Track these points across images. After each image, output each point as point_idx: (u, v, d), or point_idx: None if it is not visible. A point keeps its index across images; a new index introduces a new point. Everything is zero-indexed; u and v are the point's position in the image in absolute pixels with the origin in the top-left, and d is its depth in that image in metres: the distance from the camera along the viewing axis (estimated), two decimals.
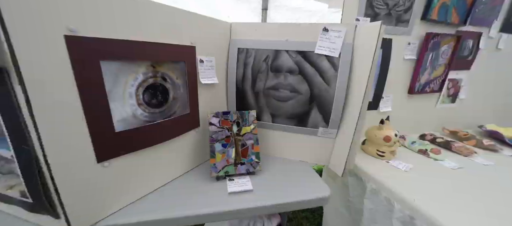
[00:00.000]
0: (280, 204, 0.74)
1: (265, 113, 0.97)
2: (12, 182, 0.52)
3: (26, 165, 0.46)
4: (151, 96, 0.64)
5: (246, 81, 0.95)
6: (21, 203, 0.53)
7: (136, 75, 0.59)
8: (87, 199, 0.55)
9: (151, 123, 0.65)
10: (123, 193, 0.64)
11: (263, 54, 0.90)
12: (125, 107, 0.58)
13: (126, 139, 0.59)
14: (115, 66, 0.54)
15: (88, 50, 0.48)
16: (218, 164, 0.81)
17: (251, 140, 0.87)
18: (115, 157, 0.58)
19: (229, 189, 0.76)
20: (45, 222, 0.55)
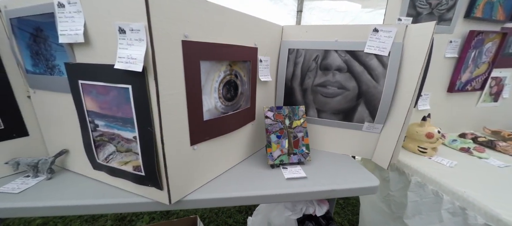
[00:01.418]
0: (333, 190, 0.81)
1: (311, 108, 1.05)
2: (127, 159, 0.64)
3: (147, 144, 0.58)
4: (227, 91, 0.75)
5: (295, 79, 1.03)
6: (131, 176, 0.66)
7: (219, 72, 0.70)
8: (181, 176, 0.66)
9: (225, 114, 0.76)
10: (203, 173, 0.75)
11: (313, 54, 0.98)
12: (211, 99, 0.69)
13: (210, 126, 0.70)
14: (208, 65, 0.64)
15: (193, 51, 0.59)
16: (274, 153, 0.90)
17: (301, 132, 0.95)
18: (201, 141, 0.69)
19: (286, 175, 0.85)
20: (148, 193, 0.67)
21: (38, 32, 0.63)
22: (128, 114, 0.58)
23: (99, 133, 0.66)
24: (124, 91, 0.55)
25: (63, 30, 0.56)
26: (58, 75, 0.66)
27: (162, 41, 0.51)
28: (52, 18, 0.59)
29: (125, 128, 0.60)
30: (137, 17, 0.48)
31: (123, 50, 0.51)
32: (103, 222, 1.59)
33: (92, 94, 0.61)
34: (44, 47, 0.64)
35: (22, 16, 0.65)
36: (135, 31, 0.49)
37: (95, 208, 0.68)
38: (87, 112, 0.64)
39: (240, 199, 0.76)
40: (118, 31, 0.51)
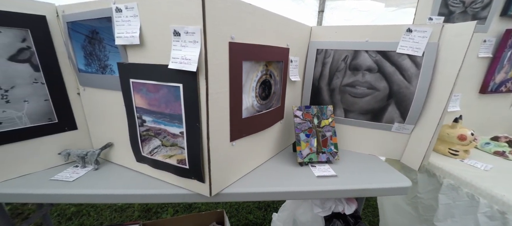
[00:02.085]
0: (365, 189, 0.82)
1: (338, 108, 1.05)
2: (172, 153, 0.69)
3: (194, 139, 0.62)
4: (262, 90, 0.78)
5: (323, 79, 1.04)
6: (175, 169, 0.70)
7: (257, 72, 0.72)
8: (221, 170, 0.70)
9: (260, 112, 0.79)
10: (238, 168, 0.79)
11: (342, 54, 0.98)
12: (249, 98, 0.72)
13: (247, 124, 0.73)
14: (248, 65, 0.68)
15: (238, 52, 0.62)
16: (303, 152, 0.92)
17: (329, 131, 0.97)
18: (239, 138, 0.73)
19: (316, 173, 0.86)
20: (190, 185, 0.71)
21: (94, 34, 0.69)
22: (177, 110, 0.62)
23: (146, 128, 0.71)
24: (175, 89, 0.60)
25: (119, 33, 0.61)
26: (110, 74, 0.72)
27: (213, 43, 0.54)
28: (109, 22, 0.64)
29: (172, 123, 0.65)
30: (193, 21, 0.52)
31: (177, 51, 0.55)
32: (130, 213, 1.68)
33: (142, 92, 0.66)
34: (98, 48, 0.70)
35: (78, 20, 0.71)
36: (190, 33, 0.53)
37: (140, 197, 0.73)
38: (135, 108, 0.69)
39: (272, 194, 0.79)
40: (173, 34, 0.55)
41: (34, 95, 0.74)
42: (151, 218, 1.64)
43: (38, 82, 0.74)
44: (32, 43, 0.71)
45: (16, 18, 0.67)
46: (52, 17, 0.74)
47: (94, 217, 1.63)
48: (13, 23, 0.67)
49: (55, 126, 0.81)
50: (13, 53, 0.68)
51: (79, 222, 1.58)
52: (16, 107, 0.72)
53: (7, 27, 0.66)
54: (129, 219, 1.63)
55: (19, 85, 0.71)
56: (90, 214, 1.66)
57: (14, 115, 0.72)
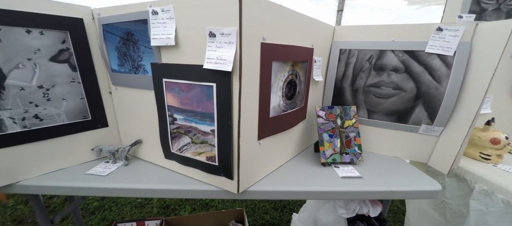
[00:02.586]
0: (392, 192, 0.80)
1: (361, 109, 1.04)
2: (201, 150, 0.71)
3: (225, 137, 0.63)
4: (288, 90, 0.78)
5: (346, 79, 1.03)
6: (204, 166, 0.72)
7: (285, 72, 0.73)
8: (248, 168, 0.71)
9: (285, 112, 0.79)
10: (264, 167, 0.79)
11: (367, 54, 0.97)
12: (276, 98, 0.73)
13: (273, 123, 0.74)
14: (277, 65, 0.68)
15: (268, 52, 0.62)
16: (326, 152, 0.91)
17: (353, 132, 0.95)
18: (266, 137, 0.73)
19: (340, 174, 0.85)
20: (218, 182, 0.73)
21: (128, 36, 0.72)
22: (209, 109, 0.63)
23: (176, 125, 0.73)
24: (208, 89, 0.61)
25: (155, 35, 0.64)
26: (142, 74, 0.75)
27: (247, 44, 0.55)
28: (144, 24, 0.67)
29: (204, 121, 0.66)
30: (229, 22, 0.53)
31: (212, 52, 0.57)
32: (149, 209, 1.73)
33: (174, 91, 0.68)
34: (132, 49, 0.73)
35: (113, 23, 0.74)
36: (226, 35, 0.54)
37: (169, 192, 0.76)
38: (167, 107, 0.72)
39: (298, 193, 0.79)
40: (208, 35, 0.56)
41: (71, 93, 0.79)
42: (169, 214, 1.68)
43: (75, 82, 0.79)
44: (71, 45, 0.75)
45: (58, 21, 0.71)
46: (88, 20, 0.78)
47: (115, 212, 1.69)
48: (55, 26, 0.71)
49: (89, 123, 0.85)
50: (54, 54, 0.73)
51: (102, 216, 1.65)
52: (56, 105, 0.76)
53: (49, 29, 0.70)
54: (148, 214, 1.68)
55: (59, 85, 0.75)
56: (111, 209, 1.72)
57: (54, 112, 0.76)
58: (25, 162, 0.74)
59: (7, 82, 0.66)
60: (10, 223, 1.59)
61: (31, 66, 0.69)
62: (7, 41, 0.64)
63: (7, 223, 1.59)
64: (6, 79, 0.65)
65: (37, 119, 0.73)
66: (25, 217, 1.64)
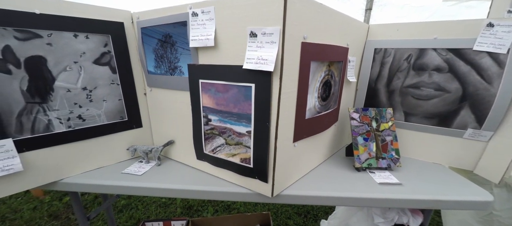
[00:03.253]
0: (438, 201, 0.74)
1: (397, 111, 0.98)
2: (235, 151, 0.70)
3: (261, 138, 0.62)
4: (323, 91, 0.75)
5: (381, 80, 0.98)
6: (237, 168, 0.71)
7: (321, 72, 0.70)
8: (283, 171, 0.69)
9: (319, 113, 0.76)
10: (297, 170, 0.77)
11: (405, 53, 0.91)
12: (312, 99, 0.70)
13: (309, 125, 0.72)
14: (315, 65, 0.66)
15: (308, 52, 0.60)
16: (361, 156, 0.87)
17: (389, 136, 0.90)
18: (301, 139, 0.71)
19: (377, 180, 0.81)
20: (251, 184, 0.71)
21: (167, 38, 0.74)
22: (246, 110, 0.62)
23: (210, 126, 0.73)
24: (246, 89, 0.60)
25: (194, 36, 0.65)
26: (178, 75, 0.76)
27: (289, 43, 0.54)
28: (183, 26, 0.68)
29: (239, 122, 0.65)
30: (272, 21, 0.52)
31: (252, 52, 0.56)
32: (173, 209, 1.76)
33: (210, 92, 0.68)
34: (170, 51, 0.75)
35: (152, 26, 0.76)
36: (268, 34, 0.53)
37: (202, 193, 0.75)
38: (202, 107, 0.72)
39: (332, 199, 0.75)
40: (249, 35, 0.55)
41: (111, 95, 0.82)
42: (192, 215, 1.70)
43: (115, 84, 0.82)
44: (112, 48, 0.78)
45: (101, 25, 0.74)
46: (128, 24, 0.81)
47: (142, 210, 1.75)
48: (99, 30, 0.74)
49: (125, 124, 0.88)
50: (97, 57, 0.76)
51: (129, 215, 1.70)
52: (97, 106, 0.79)
53: (94, 33, 0.74)
54: (172, 214, 1.71)
55: (100, 86, 0.79)
56: (138, 207, 1.78)
57: (95, 113, 0.79)
58: (69, 160, 0.78)
59: (56, 84, 0.70)
60: (46, 218, 1.70)
61: (77, 68, 0.72)
62: (57, 45, 0.68)
63: (44, 218, 1.69)
64: (55, 81, 0.69)
65: (80, 119, 0.76)
66: (60, 213, 1.74)
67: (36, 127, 0.69)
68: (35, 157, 0.71)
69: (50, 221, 1.69)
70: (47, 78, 0.68)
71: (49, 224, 1.66)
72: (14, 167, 0.66)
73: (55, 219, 1.70)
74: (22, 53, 0.63)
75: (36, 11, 0.62)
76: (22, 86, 0.64)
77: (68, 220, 1.69)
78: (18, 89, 0.64)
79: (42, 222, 1.67)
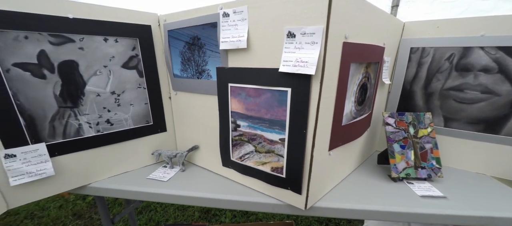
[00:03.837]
0: (490, 217, 0.66)
1: (436, 116, 0.90)
2: (266, 160, 0.66)
3: (297, 147, 0.58)
4: (360, 95, 0.70)
5: (417, 82, 0.90)
6: (267, 177, 0.67)
7: (359, 75, 0.65)
8: (318, 181, 0.64)
9: (354, 119, 0.71)
10: (330, 180, 0.72)
11: (446, 52, 0.84)
12: (349, 104, 0.65)
13: (345, 132, 0.67)
14: (354, 67, 0.61)
15: (348, 53, 0.56)
16: (398, 165, 0.80)
17: (429, 143, 0.82)
18: (336, 147, 0.66)
19: (418, 192, 0.74)
20: (282, 195, 0.67)
21: (195, 40, 0.72)
22: (280, 116, 0.59)
23: (239, 132, 0.70)
24: (280, 94, 0.57)
25: (225, 38, 0.62)
26: (206, 79, 0.73)
27: (331, 44, 0.49)
28: (213, 28, 0.65)
29: (272, 129, 0.62)
30: (313, 20, 0.48)
31: (289, 54, 0.52)
32: (191, 213, 1.76)
33: (240, 96, 0.65)
34: (198, 54, 0.73)
35: (179, 28, 0.74)
36: (308, 34, 0.49)
37: (228, 203, 0.72)
38: (231, 113, 0.69)
39: (371, 213, 0.69)
40: (287, 36, 0.52)
41: (137, 99, 0.81)
42: (210, 219, 1.69)
43: (141, 87, 0.81)
44: (139, 51, 0.77)
45: (130, 29, 0.74)
46: (155, 26, 0.80)
47: (160, 213, 1.76)
48: (127, 33, 0.74)
49: (151, 128, 0.87)
50: (125, 60, 0.76)
51: (148, 217, 1.72)
52: (124, 110, 0.79)
53: (123, 37, 0.73)
54: (190, 218, 1.70)
55: (128, 90, 0.78)
56: (157, 210, 1.79)
57: (122, 117, 0.79)
58: (97, 164, 0.77)
59: (87, 88, 0.70)
60: (71, 217, 1.75)
61: (106, 73, 0.72)
62: (88, 49, 0.68)
63: (69, 217, 1.75)
64: (86, 86, 0.69)
65: (108, 123, 0.76)
66: (83, 212, 1.79)
67: (67, 131, 0.69)
68: (66, 161, 0.71)
69: (74, 220, 1.74)
70: (78, 83, 0.68)
71: (73, 223, 1.71)
72: (47, 171, 0.67)
73: (79, 218, 1.75)
74: (56, 58, 0.63)
75: (69, 15, 0.62)
76: (55, 91, 0.65)
77: (91, 220, 1.73)
78: (52, 94, 0.64)
79: (67, 221, 1.72)
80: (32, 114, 0.63)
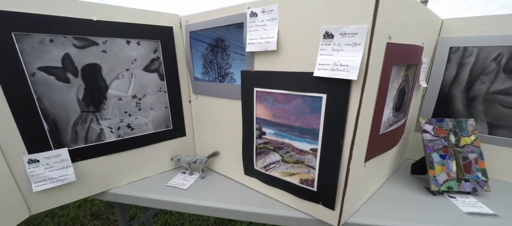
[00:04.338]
0: None
1: (479, 122, 0.81)
2: (294, 171, 0.61)
3: (331, 158, 0.52)
4: (398, 100, 0.64)
5: (457, 84, 0.82)
6: (295, 189, 0.62)
7: (399, 79, 0.59)
8: (352, 195, 0.58)
9: (391, 127, 0.65)
10: (363, 193, 0.66)
11: (492, 52, 0.75)
12: (386, 110, 0.59)
13: (382, 141, 0.60)
14: (395, 70, 0.55)
15: (391, 55, 0.50)
16: (438, 177, 0.73)
17: (473, 153, 0.74)
18: (372, 158, 0.60)
19: (464, 208, 0.66)
20: (311, 209, 0.62)
21: (218, 42, 0.68)
22: (312, 124, 0.54)
23: (264, 140, 0.65)
24: (314, 100, 0.52)
25: (252, 39, 0.58)
26: (229, 83, 0.70)
27: (376, 45, 0.44)
28: (239, 29, 0.62)
29: (302, 138, 0.57)
30: (357, 19, 0.43)
31: (326, 56, 0.47)
32: (206, 217, 1.73)
33: (266, 102, 0.61)
34: (221, 56, 0.69)
35: (202, 29, 0.71)
36: (349, 35, 0.44)
37: (253, 215, 0.68)
38: (255, 119, 0.65)
39: None
40: (323, 36, 0.47)
41: (158, 103, 0.79)
42: (226, 225, 1.66)
43: (162, 91, 0.79)
44: (161, 54, 0.75)
45: (152, 31, 0.72)
46: (177, 28, 0.77)
47: (176, 216, 1.75)
48: (150, 35, 0.72)
49: (170, 132, 0.85)
50: (147, 63, 0.74)
51: (164, 220, 1.71)
52: (145, 114, 0.77)
53: (145, 39, 0.71)
54: (206, 222, 1.68)
55: (148, 94, 0.76)
56: (172, 212, 1.78)
57: (143, 122, 0.77)
58: (117, 170, 0.76)
59: (109, 92, 0.68)
60: (89, 217, 1.78)
61: (128, 76, 0.70)
62: (111, 52, 0.66)
63: (87, 217, 1.78)
64: (108, 89, 0.68)
65: (129, 128, 0.74)
66: (101, 213, 1.82)
67: (89, 136, 0.68)
68: (87, 166, 0.70)
69: (92, 220, 1.76)
70: (101, 87, 0.66)
71: (91, 223, 1.74)
72: (68, 177, 0.65)
73: (97, 219, 1.77)
74: (80, 61, 0.62)
75: (93, 18, 0.61)
76: (79, 95, 0.63)
77: (108, 221, 1.75)
78: (75, 98, 0.63)
79: (85, 221, 1.75)
80: (56, 118, 0.62)
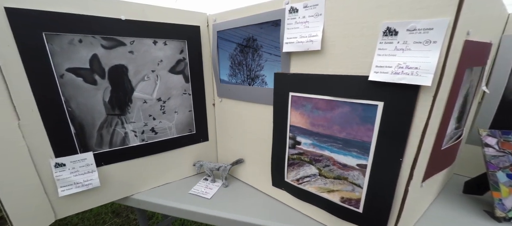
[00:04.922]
0: None
1: None
2: (334, 187, 0.54)
3: (386, 177, 0.44)
4: (461, 109, 0.54)
5: None
6: (333, 208, 0.55)
7: (467, 84, 0.49)
8: (406, 219, 0.49)
9: (451, 140, 0.55)
10: (414, 216, 0.57)
11: None
12: (452, 121, 0.49)
13: (443, 157, 0.51)
14: (466, 74, 0.45)
15: (466, 55, 0.41)
16: (505, 201, 0.61)
17: None
18: (431, 176, 0.51)
19: None
20: None
21: (249, 42, 0.63)
22: (361, 136, 0.46)
23: (298, 151, 0.58)
24: (365, 108, 0.44)
25: (290, 38, 0.51)
26: (259, 86, 0.64)
27: (455, 43, 0.35)
28: (275, 26, 0.55)
29: (346, 151, 0.49)
30: (435, 10, 0.34)
31: (386, 57, 0.39)
32: None
33: (304, 108, 0.54)
34: (251, 57, 0.63)
35: (231, 28, 0.66)
36: (420, 31, 0.36)
37: None
38: (289, 127, 0.58)
39: None
40: (383, 33, 0.39)
41: (182, 106, 0.75)
42: None
43: (186, 94, 0.75)
44: (187, 55, 0.71)
45: (179, 30, 0.68)
46: (204, 27, 0.73)
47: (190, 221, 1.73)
48: (176, 35, 0.68)
49: (193, 137, 0.81)
50: (173, 64, 0.70)
51: (181, 221, 1.70)
52: (169, 118, 0.73)
53: (172, 39, 0.68)
54: None
55: (173, 97, 0.72)
56: None
57: (167, 125, 0.74)
58: (140, 175, 0.73)
59: (134, 95, 0.65)
60: (110, 214, 1.81)
61: (153, 78, 0.67)
62: (138, 53, 0.63)
63: (108, 214, 1.81)
64: (134, 92, 0.65)
65: (153, 132, 0.71)
66: (121, 211, 1.85)
67: (113, 140, 0.65)
68: (111, 171, 0.67)
69: (113, 217, 1.80)
70: (127, 89, 0.64)
71: (111, 220, 1.77)
72: (93, 182, 0.63)
73: (117, 217, 1.80)
74: (107, 62, 0.59)
75: (122, 17, 0.58)
76: (105, 98, 0.61)
77: (127, 219, 1.77)
78: (101, 100, 0.61)
79: (106, 218, 1.78)
80: (82, 121, 0.60)
